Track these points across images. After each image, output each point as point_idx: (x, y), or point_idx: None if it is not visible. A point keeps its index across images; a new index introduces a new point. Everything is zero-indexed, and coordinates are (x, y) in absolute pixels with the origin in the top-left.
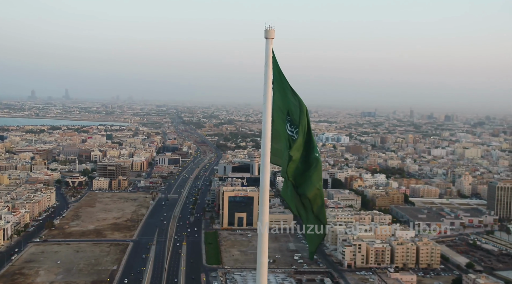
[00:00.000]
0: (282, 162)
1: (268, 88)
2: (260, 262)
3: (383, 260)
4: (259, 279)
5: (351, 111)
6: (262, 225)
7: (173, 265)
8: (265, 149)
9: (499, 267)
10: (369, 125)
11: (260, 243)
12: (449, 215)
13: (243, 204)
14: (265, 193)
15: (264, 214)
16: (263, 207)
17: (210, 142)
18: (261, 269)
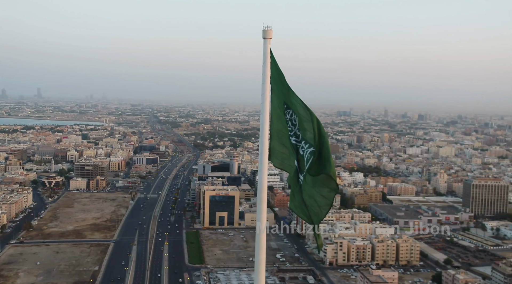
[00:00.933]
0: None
1: (266, 88)
2: (258, 259)
3: (364, 257)
4: (257, 276)
5: (326, 110)
6: (261, 223)
7: (155, 265)
8: (263, 148)
9: (475, 263)
10: (345, 125)
11: (258, 241)
12: (426, 212)
13: (223, 203)
14: (263, 191)
15: (262, 212)
16: (261, 205)
17: (187, 141)
18: (259, 266)
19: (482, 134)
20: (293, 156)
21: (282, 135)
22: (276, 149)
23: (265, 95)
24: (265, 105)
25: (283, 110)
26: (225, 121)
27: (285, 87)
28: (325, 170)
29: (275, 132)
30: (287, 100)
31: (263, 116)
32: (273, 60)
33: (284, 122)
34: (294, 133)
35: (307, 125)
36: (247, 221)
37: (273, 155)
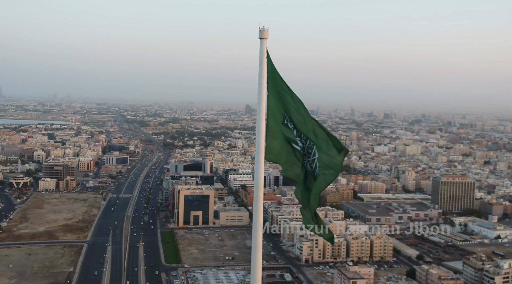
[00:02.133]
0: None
1: (262, 88)
2: (254, 257)
3: (339, 254)
4: (254, 273)
5: None
6: (257, 221)
7: (131, 265)
8: (259, 147)
9: (446, 258)
10: None
11: (254, 239)
12: (397, 209)
13: (198, 203)
14: (259, 189)
15: (259, 210)
16: (257, 203)
17: (156, 141)
18: (256, 263)
19: (446, 133)
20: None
21: (278, 134)
22: (271, 147)
23: (261, 95)
24: (261, 105)
25: (279, 109)
26: (194, 120)
27: (281, 86)
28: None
29: (270, 131)
30: (283, 99)
31: (260, 115)
32: (269, 61)
33: (279, 121)
34: (294, 131)
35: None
36: (221, 220)
37: (268, 152)
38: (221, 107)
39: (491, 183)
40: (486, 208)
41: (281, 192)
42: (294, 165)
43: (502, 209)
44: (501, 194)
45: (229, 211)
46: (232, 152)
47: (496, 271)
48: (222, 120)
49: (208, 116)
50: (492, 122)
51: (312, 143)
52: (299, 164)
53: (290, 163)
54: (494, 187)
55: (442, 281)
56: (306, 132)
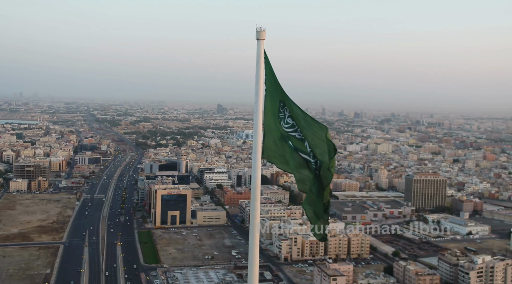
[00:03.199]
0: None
1: (259, 88)
2: (252, 254)
3: (317, 252)
4: (251, 271)
5: None
6: (254, 219)
7: (110, 266)
8: (257, 146)
9: (421, 254)
10: None
11: (251, 237)
12: (372, 207)
13: (174, 202)
14: (256, 188)
15: (256, 209)
16: (255, 202)
17: (128, 140)
18: (253, 261)
19: (415, 132)
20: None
21: (274, 133)
22: (269, 146)
23: (258, 95)
24: (259, 105)
25: (278, 108)
26: (165, 120)
27: (279, 86)
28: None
29: (268, 130)
30: (282, 98)
31: (256, 115)
32: (267, 61)
33: (277, 121)
34: (294, 130)
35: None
36: (199, 219)
37: (266, 151)
38: (192, 106)
39: (460, 180)
40: (457, 205)
41: None
42: (291, 162)
43: (472, 205)
44: (471, 191)
45: (206, 210)
46: (206, 152)
47: (471, 266)
48: (194, 120)
49: (180, 115)
50: (458, 121)
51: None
52: (297, 162)
53: (286, 161)
54: (463, 184)
55: (419, 277)
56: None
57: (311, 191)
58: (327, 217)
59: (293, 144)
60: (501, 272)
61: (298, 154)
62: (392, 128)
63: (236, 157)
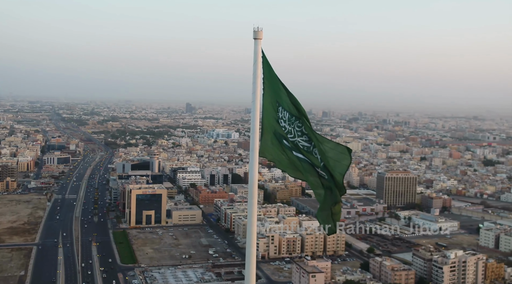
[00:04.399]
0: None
1: (257, 87)
2: (249, 252)
3: (294, 249)
4: (249, 268)
5: (234, 107)
6: (252, 217)
7: (86, 267)
8: (254, 145)
9: (394, 250)
10: None
11: (249, 234)
12: (345, 204)
13: (149, 202)
14: (254, 186)
15: (253, 205)
16: (252, 199)
17: (97, 140)
18: (250, 258)
19: (382, 130)
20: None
21: (272, 131)
22: (267, 145)
23: (255, 94)
24: (256, 104)
25: (275, 107)
26: (134, 119)
27: (277, 86)
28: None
29: (266, 128)
30: (278, 98)
31: (254, 114)
32: (265, 60)
33: (275, 119)
34: (288, 131)
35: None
36: (174, 219)
37: (265, 150)
38: (160, 105)
39: (428, 178)
40: (427, 201)
41: (232, 190)
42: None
43: (441, 202)
44: (439, 188)
45: (181, 209)
46: (178, 151)
47: (444, 261)
48: (163, 119)
49: (148, 114)
50: (423, 120)
51: (308, 137)
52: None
53: (283, 159)
54: (431, 181)
55: (395, 272)
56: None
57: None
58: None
59: (289, 143)
60: (473, 266)
61: (293, 153)
62: (360, 127)
63: (208, 156)
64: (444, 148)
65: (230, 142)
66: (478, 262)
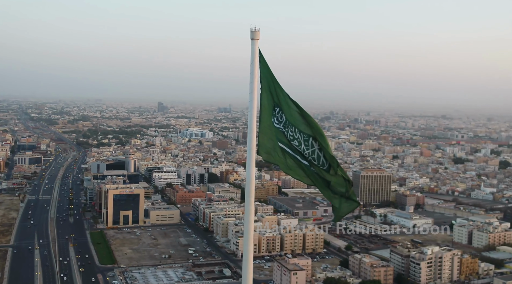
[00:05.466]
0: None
1: (254, 87)
2: (246, 249)
3: (273, 248)
4: (246, 265)
5: (206, 107)
6: (249, 215)
7: (64, 268)
8: (251, 144)
9: (371, 247)
10: (227, 121)
11: (246, 231)
12: (321, 203)
13: (126, 202)
14: (251, 184)
15: (251, 204)
16: (249, 198)
17: (68, 140)
18: (247, 255)
19: (354, 129)
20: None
21: (269, 130)
22: (264, 144)
23: (252, 94)
24: (253, 104)
25: (273, 107)
26: (105, 118)
27: (276, 85)
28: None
29: (263, 128)
30: (275, 98)
31: (251, 114)
32: (263, 60)
33: (272, 119)
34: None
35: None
36: (152, 219)
37: (261, 149)
38: (131, 104)
39: (402, 176)
40: (401, 199)
41: (209, 189)
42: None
43: (415, 200)
44: (412, 186)
45: (159, 209)
46: (152, 150)
47: (421, 257)
48: (135, 118)
49: (120, 114)
50: (394, 119)
51: (307, 136)
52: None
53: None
54: (405, 179)
55: (374, 269)
56: (298, 126)
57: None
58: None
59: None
60: (449, 261)
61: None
62: (332, 126)
63: (183, 155)
64: (415, 146)
65: (204, 141)
66: (454, 258)
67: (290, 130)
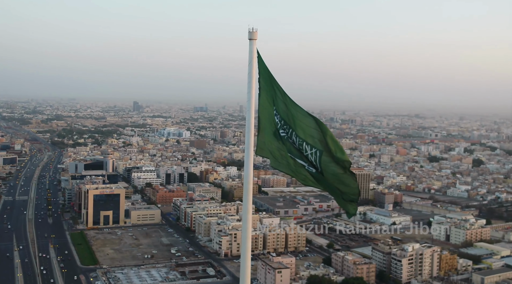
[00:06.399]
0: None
1: (252, 87)
2: (244, 247)
3: (256, 246)
4: (244, 263)
5: (182, 106)
6: (247, 213)
7: (46, 269)
8: (249, 142)
9: (352, 245)
10: (204, 120)
11: (244, 230)
12: (302, 201)
13: (106, 202)
14: (249, 183)
15: (248, 202)
16: (247, 196)
17: (43, 139)
18: (246, 253)
19: (331, 128)
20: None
21: (269, 130)
22: (263, 142)
23: (250, 94)
24: (251, 103)
25: (272, 106)
26: (80, 118)
27: (274, 85)
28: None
29: (262, 126)
30: (274, 98)
31: (249, 113)
32: (261, 60)
33: (272, 118)
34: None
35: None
36: (133, 219)
37: (259, 147)
38: (106, 104)
39: (379, 174)
40: (380, 197)
41: (189, 188)
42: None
43: (393, 198)
44: (389, 184)
45: (139, 209)
46: (129, 150)
47: (403, 254)
48: (110, 118)
49: (94, 113)
50: (369, 118)
51: (301, 140)
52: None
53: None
54: (382, 178)
55: (357, 266)
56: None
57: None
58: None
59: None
60: (429, 258)
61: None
62: None
63: (161, 155)
64: (391, 145)
65: (182, 141)
66: (434, 254)
67: (289, 131)
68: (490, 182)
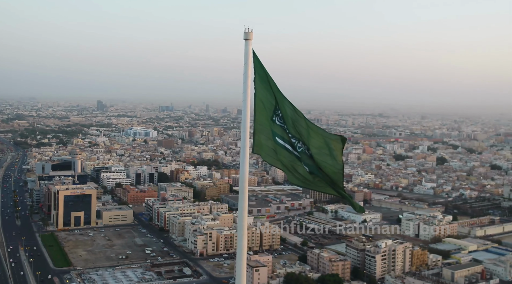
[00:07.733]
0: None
1: (247, 87)
2: (240, 245)
3: (231, 246)
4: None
5: (147, 105)
6: (242, 211)
7: (17, 273)
8: (245, 142)
9: (326, 242)
10: (170, 119)
11: (239, 228)
12: (274, 200)
13: (76, 203)
14: (244, 182)
15: (244, 201)
16: (243, 195)
17: (4, 140)
18: (241, 251)
19: None
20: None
21: (266, 129)
22: (260, 142)
23: (246, 94)
24: (246, 103)
25: (272, 106)
26: (42, 117)
27: (273, 85)
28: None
29: (259, 126)
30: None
31: (245, 113)
32: (257, 60)
33: (269, 117)
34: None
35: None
36: (105, 219)
37: (256, 147)
38: (69, 103)
39: (347, 172)
40: (349, 195)
41: (161, 188)
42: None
43: (362, 195)
44: (358, 182)
45: (111, 210)
46: (96, 150)
47: (376, 250)
48: (74, 117)
49: (57, 112)
50: (334, 118)
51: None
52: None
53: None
54: (351, 176)
55: (332, 263)
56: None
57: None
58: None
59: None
60: (401, 254)
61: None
62: None
63: (129, 154)
64: (357, 143)
65: (149, 140)
66: (406, 250)
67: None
68: (454, 179)
